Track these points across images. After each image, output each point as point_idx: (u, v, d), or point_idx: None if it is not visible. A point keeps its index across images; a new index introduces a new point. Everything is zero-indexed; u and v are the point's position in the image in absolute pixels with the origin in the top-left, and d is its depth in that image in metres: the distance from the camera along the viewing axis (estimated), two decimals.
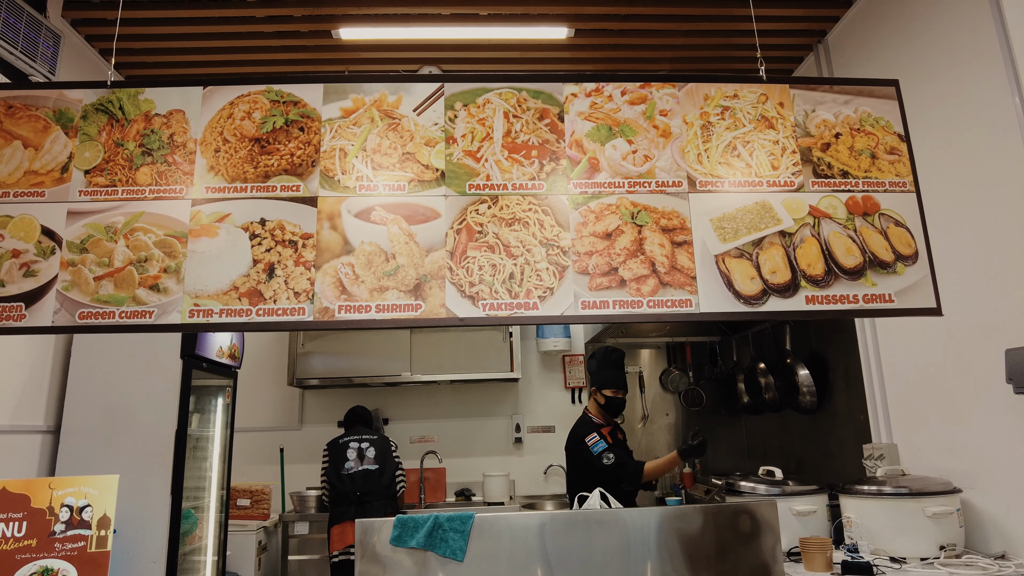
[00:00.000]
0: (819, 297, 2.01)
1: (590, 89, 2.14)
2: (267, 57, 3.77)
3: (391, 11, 3.41)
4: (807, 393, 3.95)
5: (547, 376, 5.37)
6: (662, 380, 5.43)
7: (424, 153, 2.07)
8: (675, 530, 2.30)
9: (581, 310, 1.94)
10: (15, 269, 1.95)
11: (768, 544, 2.33)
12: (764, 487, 3.04)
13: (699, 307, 1.96)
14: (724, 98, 2.19)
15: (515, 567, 2.27)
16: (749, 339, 4.66)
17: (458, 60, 3.86)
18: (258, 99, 2.10)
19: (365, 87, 2.13)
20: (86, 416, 3.24)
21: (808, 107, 2.20)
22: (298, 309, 1.91)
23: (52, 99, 2.12)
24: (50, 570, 1.61)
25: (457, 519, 2.30)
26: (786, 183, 2.11)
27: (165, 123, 2.09)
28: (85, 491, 1.75)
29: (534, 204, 2.03)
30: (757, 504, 2.40)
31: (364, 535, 2.29)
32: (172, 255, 1.96)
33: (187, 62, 3.79)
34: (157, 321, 1.91)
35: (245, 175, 2.03)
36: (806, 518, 2.83)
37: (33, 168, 2.05)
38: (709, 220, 2.03)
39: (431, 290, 1.95)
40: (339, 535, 3.82)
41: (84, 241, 1.98)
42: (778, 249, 2.04)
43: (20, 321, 1.91)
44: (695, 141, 2.12)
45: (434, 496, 4.94)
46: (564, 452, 3.58)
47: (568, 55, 3.85)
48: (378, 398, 5.17)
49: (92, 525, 1.71)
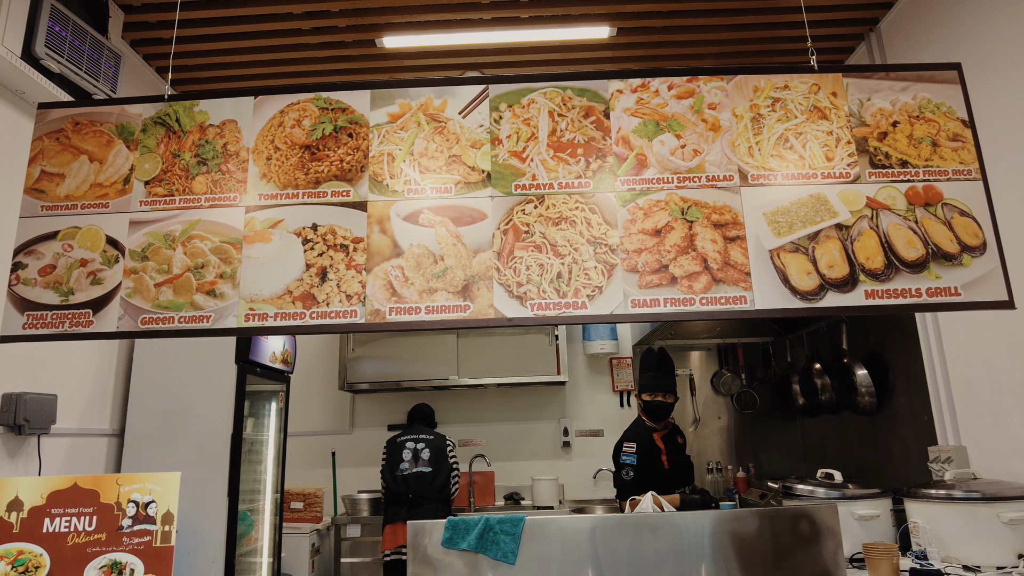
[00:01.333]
0: (879, 291, 1.93)
1: (636, 85, 2.11)
2: (314, 68, 3.86)
3: (433, 18, 3.45)
4: (866, 394, 3.80)
5: (595, 379, 5.32)
6: (714, 383, 5.32)
7: (470, 155, 2.08)
8: (730, 534, 2.25)
9: (631, 308, 1.91)
10: (83, 277, 2.03)
11: (829, 549, 2.25)
12: (823, 490, 2.94)
13: (754, 304, 1.91)
14: (774, 89, 2.13)
15: (566, 571, 2.25)
16: (803, 339, 4.53)
17: (500, 64, 3.88)
18: (307, 107, 2.15)
19: (411, 92, 2.15)
20: (147, 420, 3.36)
21: (863, 96, 2.12)
22: (350, 312, 1.94)
23: (115, 114, 2.21)
24: (119, 563, 1.67)
25: (508, 521, 2.30)
26: (841, 174, 2.04)
27: (219, 133, 2.16)
28: (150, 487, 1.81)
29: (581, 203, 2.01)
30: (816, 507, 2.32)
31: (416, 537, 2.30)
32: (227, 261, 2.01)
33: (237, 75, 3.90)
34: (214, 325, 1.96)
35: (296, 181, 2.07)
36: (869, 523, 2.73)
37: (98, 181, 2.14)
38: (762, 214, 1.98)
39: (479, 291, 1.95)
40: (391, 535, 3.87)
41: (145, 249, 2.06)
42: (835, 243, 1.97)
43: (88, 327, 1.99)
44: (745, 134, 2.07)
45: (483, 500, 4.94)
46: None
47: (611, 54, 3.82)
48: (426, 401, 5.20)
49: (157, 520, 1.77)
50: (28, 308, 2.01)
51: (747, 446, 5.27)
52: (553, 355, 4.88)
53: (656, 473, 3.36)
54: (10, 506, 1.77)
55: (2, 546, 1.71)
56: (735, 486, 4.81)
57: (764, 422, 5.14)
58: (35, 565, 1.65)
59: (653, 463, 3.40)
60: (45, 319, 2.00)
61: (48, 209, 2.11)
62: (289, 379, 4.15)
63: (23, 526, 1.73)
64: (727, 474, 5.03)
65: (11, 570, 1.63)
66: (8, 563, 1.65)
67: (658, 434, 3.51)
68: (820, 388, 4.25)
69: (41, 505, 1.77)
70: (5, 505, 1.77)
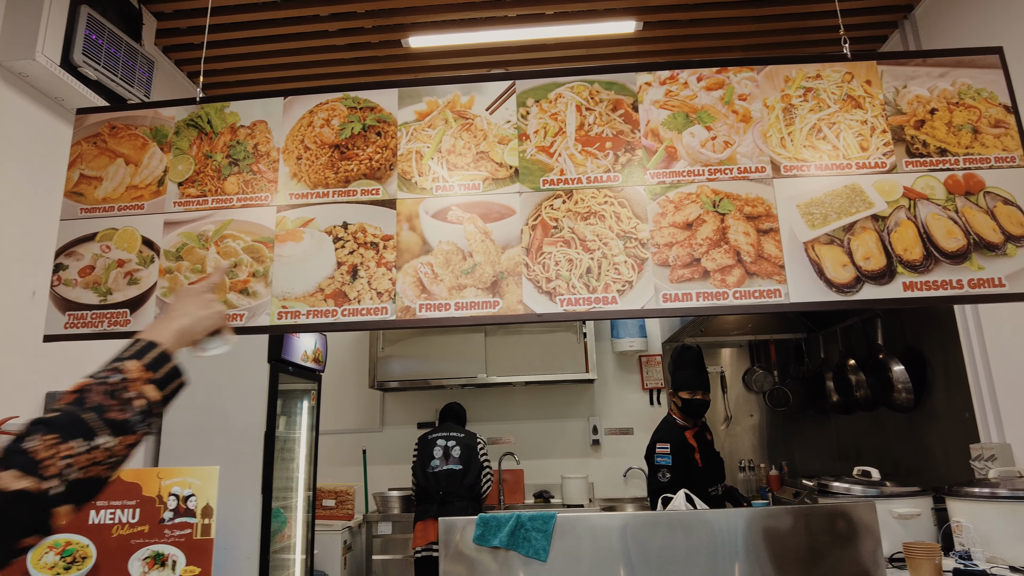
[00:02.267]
0: (918, 283, 1.88)
1: (664, 77, 2.09)
2: (341, 70, 3.89)
3: (458, 16, 3.45)
4: (903, 390, 3.72)
5: (624, 377, 5.29)
6: (745, 380, 5.25)
7: (497, 151, 2.07)
8: (764, 532, 2.21)
9: (662, 303, 1.89)
10: (120, 278, 2.08)
11: (867, 548, 2.20)
12: (860, 488, 2.88)
13: (788, 297, 1.87)
14: (806, 79, 2.09)
15: (598, 568, 2.23)
16: (837, 335, 4.44)
17: (525, 61, 3.87)
18: (336, 107, 2.17)
19: (438, 89, 2.15)
20: (182, 418, 3.41)
21: (898, 83, 2.07)
22: (381, 309, 1.95)
23: (149, 118, 2.25)
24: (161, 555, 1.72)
25: (539, 518, 2.29)
26: (877, 164, 1.99)
27: (249, 134, 2.18)
28: (190, 481, 1.84)
29: (610, 196, 2.00)
30: (854, 505, 2.27)
31: (448, 534, 2.31)
32: (260, 260, 2.04)
33: (266, 78, 3.95)
34: (248, 323, 1.99)
35: (326, 180, 2.09)
36: (909, 522, 2.66)
37: (134, 183, 2.18)
38: (796, 206, 1.94)
39: (508, 287, 1.94)
40: (422, 531, 3.88)
41: (179, 249, 2.09)
42: (871, 234, 1.92)
43: (126, 326, 2.03)
44: (777, 125, 2.03)
45: (513, 497, 4.94)
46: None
47: (637, 48, 3.79)
48: (455, 399, 5.22)
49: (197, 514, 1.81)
50: (69, 308, 2.07)
51: (780, 444, 5.19)
52: (581, 353, 4.86)
53: (691, 472, 3.33)
54: None
55: (49, 537, 1.76)
56: (768, 484, 4.74)
57: (797, 419, 5.06)
58: (82, 556, 1.70)
59: (688, 462, 3.37)
60: (85, 318, 2.05)
61: (87, 211, 2.16)
62: (321, 378, 4.20)
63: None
64: (759, 472, 4.96)
65: (59, 560, 1.68)
66: (56, 553, 1.71)
67: (690, 432, 3.48)
68: (855, 385, 4.17)
69: None
70: None
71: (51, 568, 1.69)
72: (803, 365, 5.00)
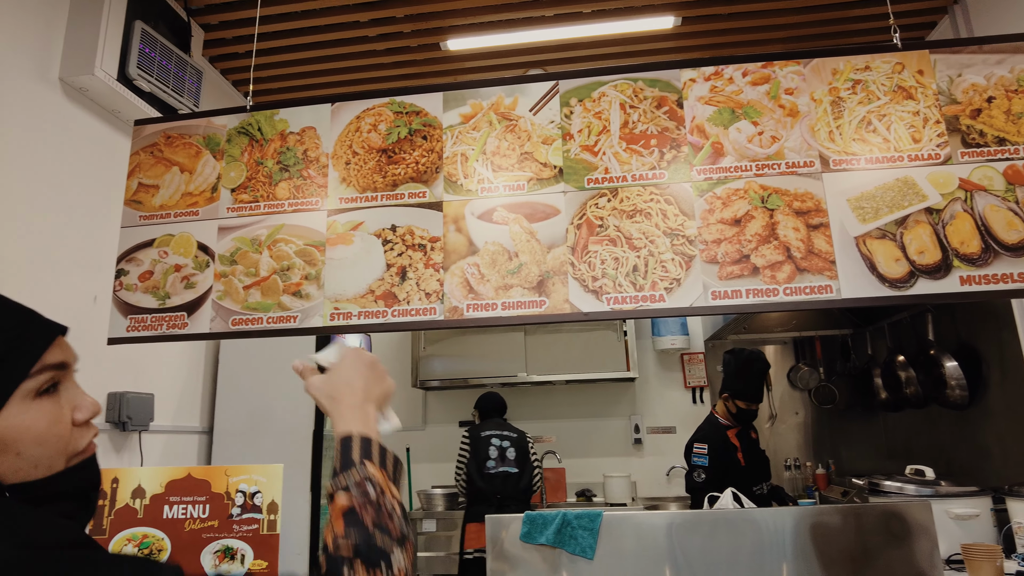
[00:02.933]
0: (976, 277, 1.83)
1: (709, 73, 2.08)
2: (382, 74, 3.95)
3: (495, 18, 3.47)
4: (956, 387, 3.61)
5: (665, 376, 5.25)
6: (790, 377, 5.16)
7: (542, 151, 2.09)
8: (814, 532, 2.18)
9: (711, 301, 1.88)
10: (178, 282, 2.16)
11: (924, 549, 2.15)
12: (913, 487, 2.82)
13: (840, 293, 1.85)
14: (854, 71, 2.05)
15: (644, 566, 2.23)
16: (885, 331, 4.33)
17: (564, 60, 3.88)
18: (382, 111, 2.21)
19: (482, 92, 2.18)
20: (234, 418, 3.52)
21: (952, 72, 2.02)
22: (429, 309, 1.99)
23: (202, 127, 2.33)
24: (231, 549, 1.79)
25: (586, 516, 2.30)
26: (930, 156, 1.95)
27: (299, 140, 2.24)
28: (255, 478, 1.91)
29: (655, 194, 1.99)
30: (907, 505, 2.22)
31: (494, 531, 2.34)
32: (312, 263, 2.09)
33: (310, 85, 4.04)
34: (301, 325, 2.04)
35: (375, 184, 2.13)
36: (967, 523, 2.59)
37: (189, 190, 2.26)
38: (846, 200, 1.91)
39: (554, 286, 1.96)
40: (476, 533, 3.79)
41: (233, 254, 2.16)
42: (925, 227, 1.88)
43: (184, 328, 2.11)
44: (825, 118, 2.00)
45: (555, 496, 4.95)
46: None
47: (676, 44, 3.76)
48: None
49: (263, 509, 1.87)
50: (131, 312, 2.15)
51: (826, 442, 5.09)
52: (622, 351, 4.84)
53: (733, 471, 3.29)
54: (134, 494, 1.92)
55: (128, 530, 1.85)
56: (814, 483, 4.65)
57: (844, 417, 4.95)
58: (158, 548, 1.80)
59: (729, 461, 3.34)
60: (145, 322, 2.14)
61: (145, 219, 2.25)
62: None
63: (146, 512, 1.88)
64: (806, 471, 4.88)
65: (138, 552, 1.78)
66: (135, 545, 1.80)
67: (732, 431, 3.44)
68: (904, 381, 4.06)
69: (161, 493, 1.91)
70: (129, 493, 1.92)
71: None
72: (849, 362, 4.90)
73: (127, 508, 1.91)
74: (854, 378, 4.76)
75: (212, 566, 1.75)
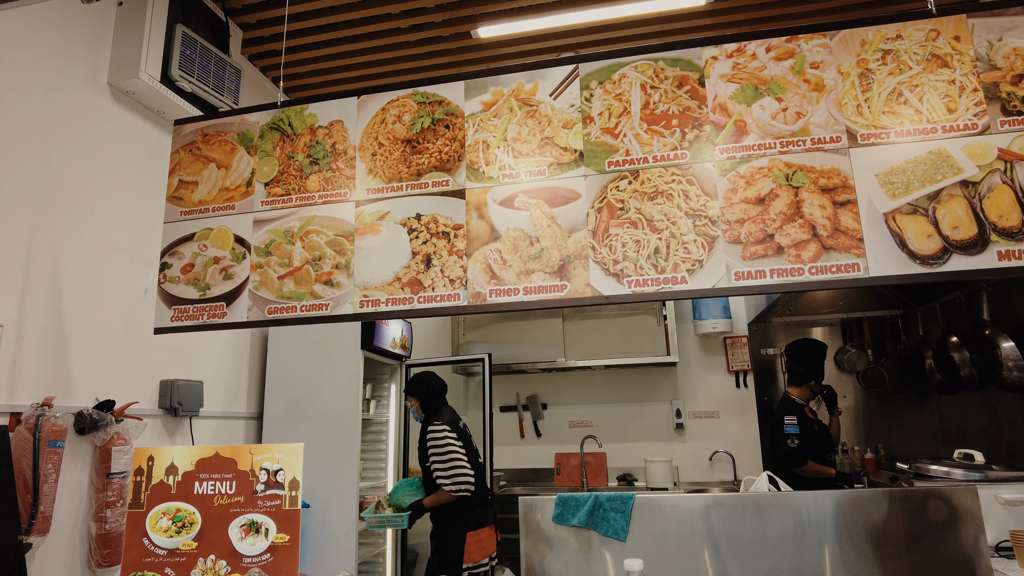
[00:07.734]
0: (1016, 252, 1.76)
1: (731, 50, 2.04)
2: (414, 65, 4.00)
3: (526, 3, 3.47)
4: (1014, 368, 3.45)
5: (708, 360, 5.18)
6: (838, 360, 5.02)
7: (562, 136, 2.09)
8: (854, 515, 2.14)
9: (735, 281, 1.86)
10: (216, 274, 2.26)
11: (968, 534, 2.09)
12: (961, 471, 2.73)
13: (868, 271, 1.80)
14: (884, 41, 1.98)
15: (679, 549, 2.23)
16: (937, 311, 4.17)
17: (595, 43, 3.85)
18: (406, 102, 2.25)
19: (502, 79, 2.19)
20: (282, 404, 3.65)
21: (992, 36, 1.93)
22: (454, 295, 2.03)
23: (236, 124, 2.42)
24: (256, 523, 1.90)
25: (617, 499, 2.32)
26: (967, 126, 1.87)
27: (327, 134, 2.31)
28: (278, 457, 2.01)
29: (677, 175, 1.98)
30: (952, 489, 2.16)
31: (528, 512, 2.37)
32: (342, 252, 2.16)
33: (344, 78, 4.12)
34: (333, 312, 2.12)
35: (400, 175, 2.18)
36: (1018, 509, 2.50)
37: (225, 185, 2.35)
38: (875, 176, 1.86)
39: (575, 270, 1.97)
40: (488, 539, 3.27)
41: (267, 245, 2.25)
42: (960, 201, 1.81)
43: (223, 318, 2.21)
44: (853, 92, 1.94)
45: (596, 480, 4.97)
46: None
47: (709, 21, 3.68)
48: (535, 384, 5.31)
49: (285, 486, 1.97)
50: (174, 303, 2.27)
51: (876, 426, 4.94)
52: (662, 336, 4.80)
53: (813, 439, 3.73)
54: (168, 471, 2.06)
55: (163, 504, 1.99)
56: (863, 468, 4.53)
57: (894, 401, 4.80)
58: (189, 521, 1.94)
59: (811, 431, 3.75)
60: (188, 312, 2.25)
61: (186, 214, 2.36)
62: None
63: (178, 488, 2.02)
64: (854, 456, 4.75)
65: (171, 524, 1.93)
66: (169, 518, 1.95)
67: (806, 408, 3.85)
68: (958, 363, 3.91)
69: (192, 471, 2.04)
70: (164, 470, 2.06)
71: (165, 531, 1.94)
72: (899, 343, 4.73)
73: (162, 484, 2.04)
74: (904, 360, 4.60)
75: (239, 538, 1.86)
